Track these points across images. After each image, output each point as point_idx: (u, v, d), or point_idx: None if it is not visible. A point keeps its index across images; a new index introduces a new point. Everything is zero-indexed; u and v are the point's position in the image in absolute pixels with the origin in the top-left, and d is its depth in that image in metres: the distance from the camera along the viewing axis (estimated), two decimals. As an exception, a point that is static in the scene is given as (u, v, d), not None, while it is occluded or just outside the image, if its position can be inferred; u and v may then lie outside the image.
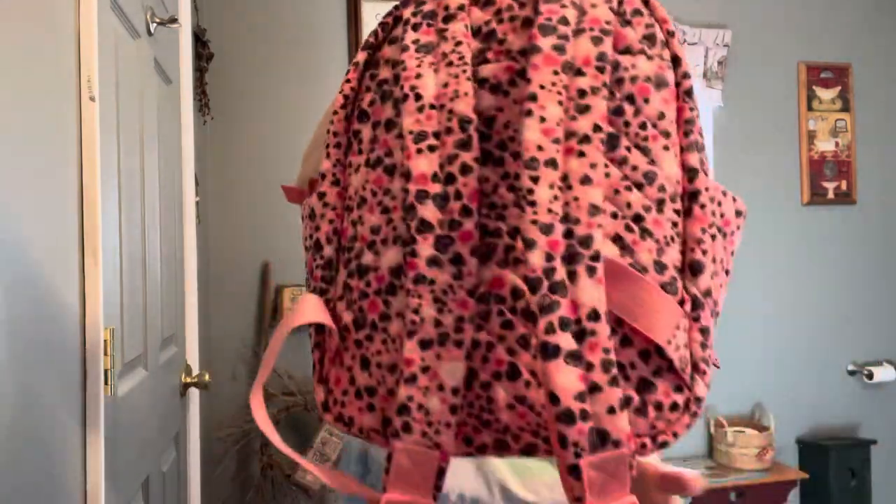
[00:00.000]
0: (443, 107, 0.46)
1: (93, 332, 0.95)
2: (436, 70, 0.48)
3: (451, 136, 0.45)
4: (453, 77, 0.47)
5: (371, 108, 0.51)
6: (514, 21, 0.48)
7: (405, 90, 0.47)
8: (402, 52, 0.49)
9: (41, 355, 0.79)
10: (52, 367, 0.83)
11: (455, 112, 0.46)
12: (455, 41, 0.48)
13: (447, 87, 0.47)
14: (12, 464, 0.71)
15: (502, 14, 0.49)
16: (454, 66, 0.47)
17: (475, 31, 0.49)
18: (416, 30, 0.50)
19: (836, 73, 3.16)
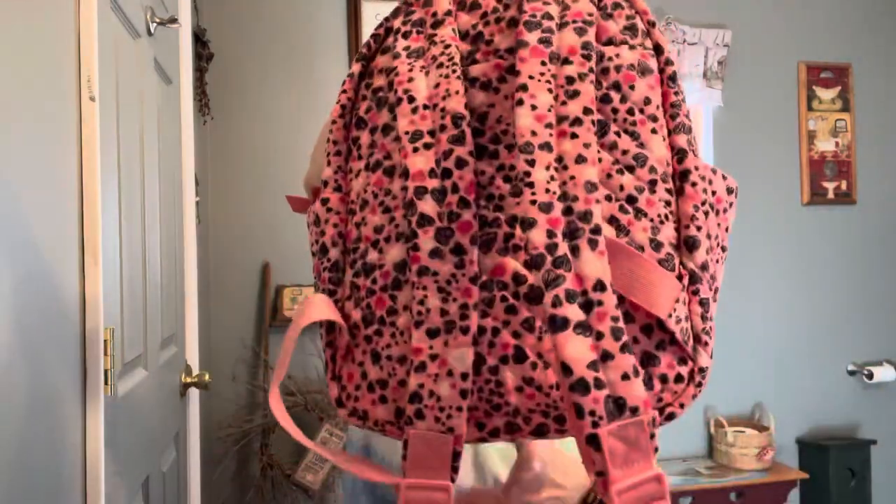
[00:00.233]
0: (436, 106, 0.47)
1: (93, 332, 0.95)
2: (426, 72, 0.49)
3: (445, 133, 0.46)
4: (444, 77, 0.48)
5: (368, 114, 0.53)
6: (500, 22, 0.50)
7: (399, 94, 0.49)
8: (395, 60, 0.51)
9: (41, 355, 0.79)
10: (53, 367, 0.83)
11: (448, 110, 0.47)
12: (444, 44, 0.50)
13: (438, 87, 0.48)
14: (13, 463, 0.71)
15: (488, 17, 0.50)
16: (444, 67, 0.48)
17: (463, 34, 0.51)
18: (407, 37, 0.52)
19: (836, 73, 3.16)
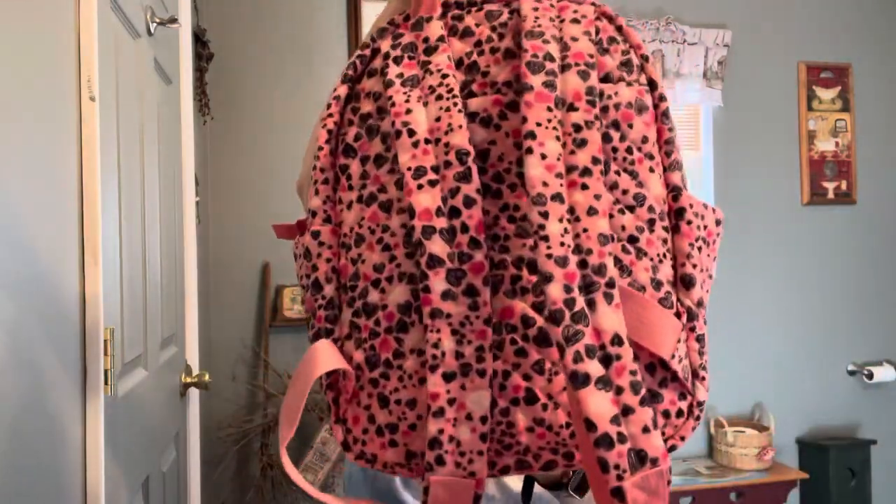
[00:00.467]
0: (438, 141, 0.46)
1: (93, 332, 0.95)
2: (425, 104, 0.48)
3: (450, 170, 0.45)
4: (445, 111, 0.47)
5: (357, 142, 0.51)
6: (496, 53, 0.49)
7: (397, 126, 0.47)
8: (388, 88, 0.49)
9: (41, 355, 0.79)
10: (52, 367, 0.83)
11: (452, 145, 0.46)
12: (441, 73, 0.48)
13: (440, 120, 0.47)
14: (13, 463, 0.71)
15: (482, 46, 0.49)
16: (444, 99, 0.47)
17: (457, 62, 0.50)
18: (398, 63, 0.50)
19: (836, 73, 3.16)
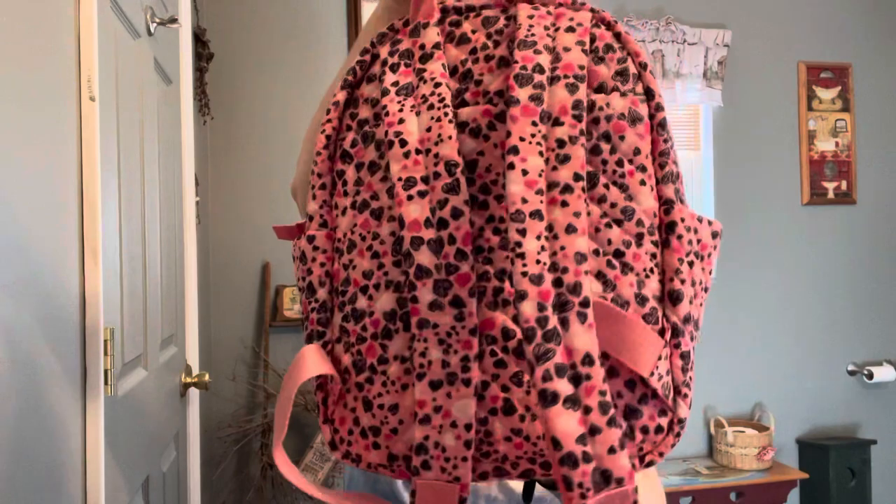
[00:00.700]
0: (428, 151, 0.47)
1: (93, 332, 0.95)
2: (417, 113, 0.48)
3: (439, 181, 0.46)
4: (435, 121, 0.47)
5: (353, 148, 0.52)
6: (490, 61, 0.49)
7: (389, 136, 0.48)
8: (384, 96, 0.50)
9: (41, 355, 0.79)
10: (52, 367, 0.83)
11: (441, 156, 0.46)
12: (434, 82, 0.49)
13: (430, 131, 0.47)
14: (13, 463, 0.71)
15: (477, 53, 0.49)
16: (435, 108, 0.48)
17: (452, 70, 0.50)
18: (395, 70, 0.50)
19: (836, 73, 3.16)
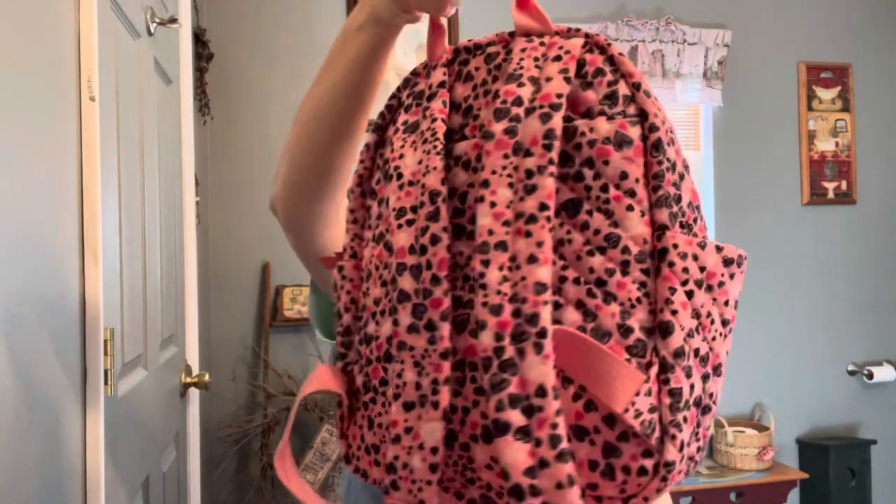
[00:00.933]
0: (418, 182, 0.48)
1: (93, 332, 0.95)
2: (415, 148, 0.50)
3: (423, 210, 0.47)
4: (426, 153, 0.49)
5: (377, 186, 0.55)
6: (487, 95, 0.50)
7: (390, 170, 0.50)
8: (394, 134, 0.52)
9: (41, 355, 0.79)
10: (53, 367, 0.83)
11: (426, 186, 0.47)
12: (431, 118, 0.50)
13: (421, 163, 0.49)
14: (13, 464, 0.71)
15: (478, 89, 0.51)
16: (427, 142, 0.49)
17: (457, 106, 0.51)
18: (408, 111, 0.53)
19: (836, 73, 3.16)
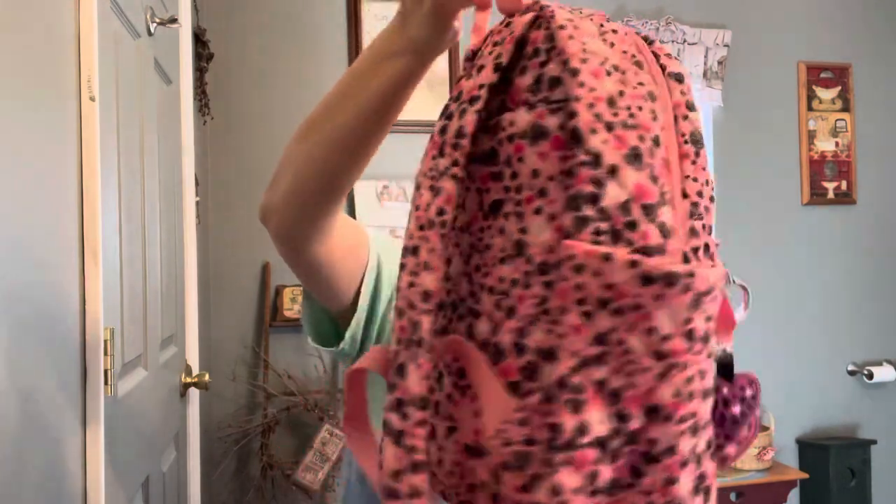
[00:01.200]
0: None
1: (93, 332, 0.95)
2: None
3: None
4: None
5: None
6: None
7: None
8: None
9: (41, 355, 0.79)
10: (52, 367, 0.83)
11: None
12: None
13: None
14: (12, 463, 0.71)
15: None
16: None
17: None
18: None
19: (836, 73, 3.16)
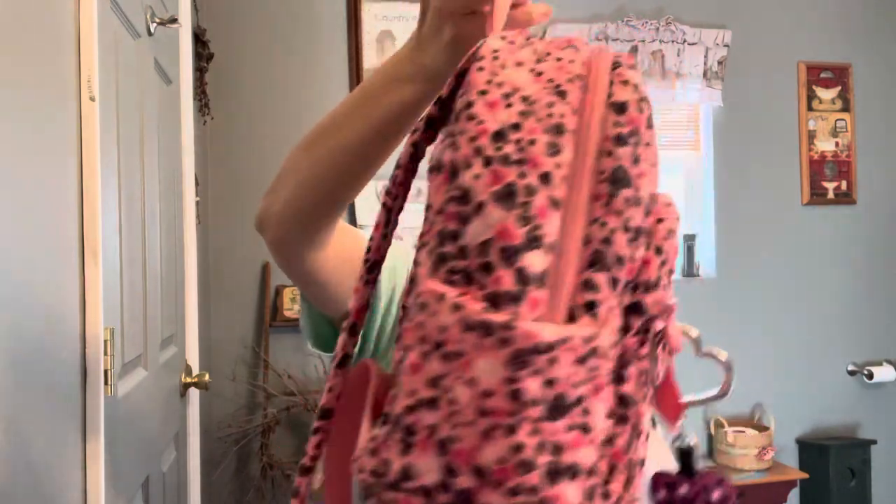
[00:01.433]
0: None
1: (93, 332, 0.95)
2: None
3: None
4: None
5: None
6: None
7: None
8: None
9: (41, 355, 0.79)
10: (52, 366, 0.83)
11: None
12: None
13: None
14: (12, 464, 0.71)
15: None
16: None
17: None
18: None
19: (836, 73, 3.16)
